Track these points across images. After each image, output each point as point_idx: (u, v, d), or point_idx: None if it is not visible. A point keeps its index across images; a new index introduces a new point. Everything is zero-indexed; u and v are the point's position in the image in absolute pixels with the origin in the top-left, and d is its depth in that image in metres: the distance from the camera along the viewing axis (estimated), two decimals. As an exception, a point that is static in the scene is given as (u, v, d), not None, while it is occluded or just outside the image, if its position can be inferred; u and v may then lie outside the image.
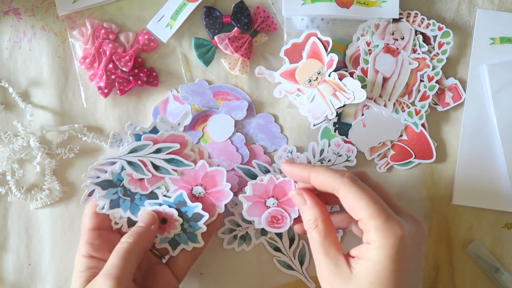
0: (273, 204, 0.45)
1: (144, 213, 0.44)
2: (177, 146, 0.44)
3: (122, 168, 0.43)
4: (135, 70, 0.50)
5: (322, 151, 0.51)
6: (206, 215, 0.44)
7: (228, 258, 0.51)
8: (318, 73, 0.50)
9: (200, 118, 0.51)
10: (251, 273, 0.51)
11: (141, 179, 0.44)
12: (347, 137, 0.52)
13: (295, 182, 0.44)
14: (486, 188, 0.52)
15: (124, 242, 0.41)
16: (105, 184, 0.44)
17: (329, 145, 0.51)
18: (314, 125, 0.52)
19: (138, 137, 0.43)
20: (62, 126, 0.50)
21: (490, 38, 0.53)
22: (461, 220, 0.52)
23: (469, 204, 0.52)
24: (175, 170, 0.44)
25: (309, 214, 0.41)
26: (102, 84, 0.50)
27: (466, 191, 0.52)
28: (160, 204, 0.45)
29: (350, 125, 0.52)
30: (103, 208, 0.44)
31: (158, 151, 0.43)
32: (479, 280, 0.52)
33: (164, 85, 0.52)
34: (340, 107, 0.51)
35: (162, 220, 0.44)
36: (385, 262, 0.36)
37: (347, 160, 0.51)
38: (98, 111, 0.51)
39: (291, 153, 0.51)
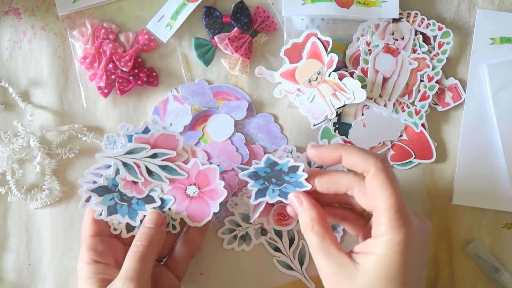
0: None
1: (151, 212, 0.43)
2: (173, 153, 0.43)
3: (117, 173, 0.43)
4: (135, 70, 0.50)
5: (322, 151, 0.51)
6: (301, 165, 0.42)
7: (228, 258, 0.51)
8: (318, 73, 0.50)
9: (200, 118, 0.51)
10: (251, 273, 0.51)
11: (135, 182, 0.44)
12: (347, 137, 0.52)
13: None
14: (486, 188, 0.52)
15: (140, 245, 0.41)
16: (101, 191, 0.43)
17: (329, 145, 0.51)
18: (314, 125, 0.52)
19: (130, 138, 0.43)
20: (62, 126, 0.50)
21: (490, 38, 0.53)
22: (461, 220, 0.52)
23: (469, 204, 0.52)
24: (168, 178, 0.44)
25: (305, 216, 0.41)
26: (102, 84, 0.50)
27: (466, 191, 0.52)
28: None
29: (350, 125, 0.52)
30: (101, 214, 0.44)
31: (154, 156, 0.43)
32: (479, 280, 0.52)
33: (164, 85, 0.52)
34: (340, 107, 0.50)
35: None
36: (393, 257, 0.36)
37: (347, 160, 0.51)
38: (98, 111, 0.51)
39: (291, 153, 0.51)
